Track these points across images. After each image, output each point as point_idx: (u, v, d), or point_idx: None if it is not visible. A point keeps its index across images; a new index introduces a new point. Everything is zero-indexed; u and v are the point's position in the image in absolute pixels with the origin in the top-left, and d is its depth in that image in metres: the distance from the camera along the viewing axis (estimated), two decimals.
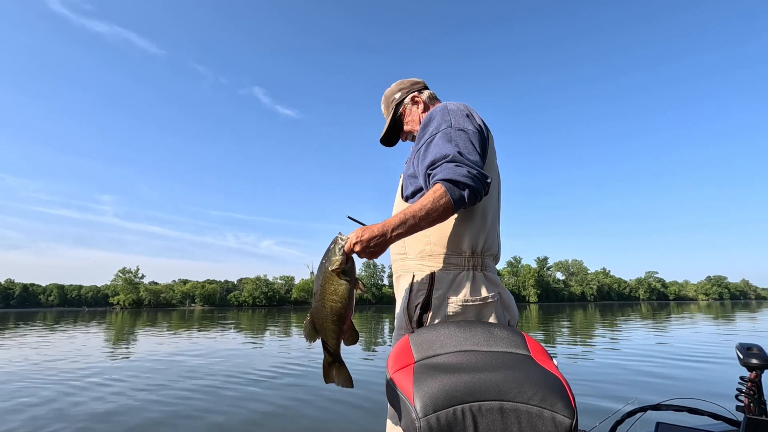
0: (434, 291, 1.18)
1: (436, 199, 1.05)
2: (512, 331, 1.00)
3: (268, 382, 6.48)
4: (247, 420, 4.52)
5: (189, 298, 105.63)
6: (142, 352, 11.01)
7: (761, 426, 1.29)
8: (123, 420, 4.54)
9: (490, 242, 1.26)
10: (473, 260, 1.21)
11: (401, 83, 1.53)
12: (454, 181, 1.06)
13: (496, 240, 1.30)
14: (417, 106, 1.48)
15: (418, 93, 1.50)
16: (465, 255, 1.21)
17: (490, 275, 1.24)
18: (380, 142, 1.56)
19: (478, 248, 1.22)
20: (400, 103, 1.51)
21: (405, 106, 1.50)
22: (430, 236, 1.23)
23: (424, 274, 1.22)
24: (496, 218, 1.31)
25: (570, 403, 0.78)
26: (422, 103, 1.48)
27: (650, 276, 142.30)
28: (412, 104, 1.49)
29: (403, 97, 1.50)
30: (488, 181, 1.11)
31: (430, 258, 1.23)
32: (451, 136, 1.16)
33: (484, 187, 1.10)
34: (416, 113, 1.48)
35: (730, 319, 22.70)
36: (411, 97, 1.49)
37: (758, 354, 1.45)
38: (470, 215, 1.22)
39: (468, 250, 1.21)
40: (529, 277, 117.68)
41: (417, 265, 1.25)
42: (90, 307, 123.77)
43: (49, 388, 6.25)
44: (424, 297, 1.18)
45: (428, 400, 0.77)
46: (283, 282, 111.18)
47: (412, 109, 1.49)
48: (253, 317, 34.67)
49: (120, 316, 44.58)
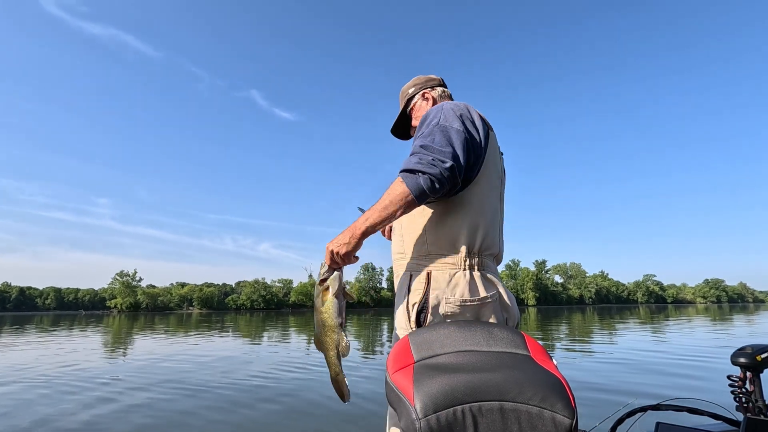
0: (431, 291, 1.18)
1: (393, 190, 1.10)
2: (512, 331, 1.00)
3: (266, 385, 6.45)
4: (245, 423, 4.49)
5: (187, 302, 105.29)
6: (139, 355, 10.94)
7: (761, 426, 1.29)
8: (117, 424, 4.52)
9: (488, 242, 1.24)
10: (470, 260, 1.20)
11: (417, 79, 1.55)
12: (409, 170, 1.10)
13: (497, 240, 1.29)
14: (426, 103, 1.50)
15: (430, 90, 1.51)
16: (461, 255, 1.20)
17: (488, 275, 1.23)
18: (394, 134, 1.61)
19: (475, 248, 1.21)
20: (411, 98, 1.53)
21: (415, 102, 1.52)
22: (427, 236, 1.24)
23: (421, 274, 1.22)
24: (496, 218, 1.30)
25: (570, 403, 0.77)
26: (431, 100, 1.49)
27: (648, 279, 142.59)
28: (422, 100, 1.50)
29: (415, 92, 1.52)
30: (447, 166, 1.09)
31: (427, 258, 1.23)
32: (431, 132, 1.17)
33: (443, 173, 1.09)
34: (424, 109, 1.49)
35: (728, 321, 22.73)
36: (422, 93, 1.51)
37: (749, 353, 1.44)
38: (466, 214, 1.22)
39: (464, 250, 1.20)
40: (528, 280, 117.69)
41: (415, 265, 1.25)
42: (87, 310, 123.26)
43: (42, 391, 6.20)
44: (421, 297, 1.18)
45: (428, 401, 0.77)
46: (281, 285, 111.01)
47: (421, 105, 1.51)
48: (251, 321, 34.55)
49: (117, 319, 44.36)
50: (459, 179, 1.15)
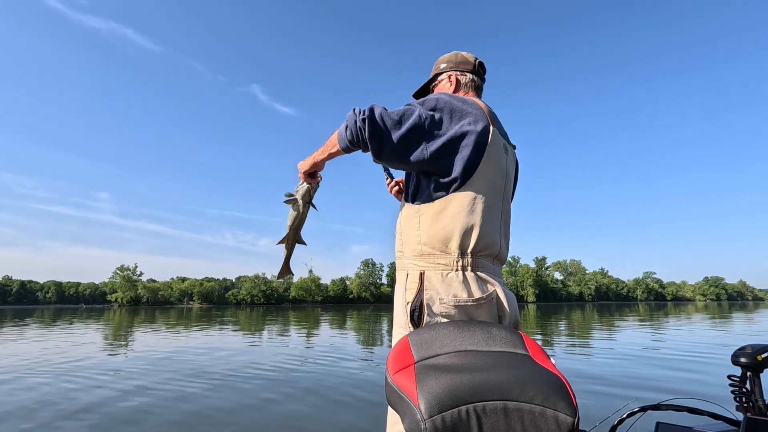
0: (425, 291, 1.17)
1: (332, 135, 1.32)
2: (510, 331, 1.00)
3: (265, 381, 6.47)
4: (243, 419, 4.51)
5: (187, 296, 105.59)
6: (139, 349, 10.98)
7: (761, 426, 1.29)
8: (117, 417, 4.54)
9: (485, 242, 1.21)
10: (463, 260, 1.18)
11: (454, 56, 1.48)
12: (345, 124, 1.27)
13: (496, 240, 1.25)
14: (450, 86, 1.45)
15: (459, 73, 1.45)
16: (453, 255, 1.18)
17: (483, 275, 1.20)
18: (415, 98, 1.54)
19: (468, 248, 1.19)
20: (440, 74, 1.48)
21: (441, 80, 1.48)
22: (421, 236, 1.23)
23: (415, 273, 1.21)
24: (495, 217, 1.26)
25: (571, 401, 0.78)
26: (455, 84, 1.44)
27: (648, 276, 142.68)
28: (447, 81, 1.46)
29: (445, 70, 1.47)
30: (364, 117, 1.19)
31: (421, 257, 1.22)
32: (404, 109, 1.23)
33: (357, 124, 1.20)
34: (447, 90, 1.45)
35: (728, 319, 22.76)
36: (449, 74, 1.46)
37: (750, 352, 1.43)
38: (459, 214, 1.20)
39: (456, 250, 1.18)
40: (528, 277, 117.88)
41: (411, 264, 1.24)
42: (88, 304, 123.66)
43: (42, 384, 6.23)
44: (415, 295, 1.18)
45: (433, 401, 0.77)
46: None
47: (443, 86, 1.46)
48: (252, 315, 34.66)
49: (118, 313, 44.50)
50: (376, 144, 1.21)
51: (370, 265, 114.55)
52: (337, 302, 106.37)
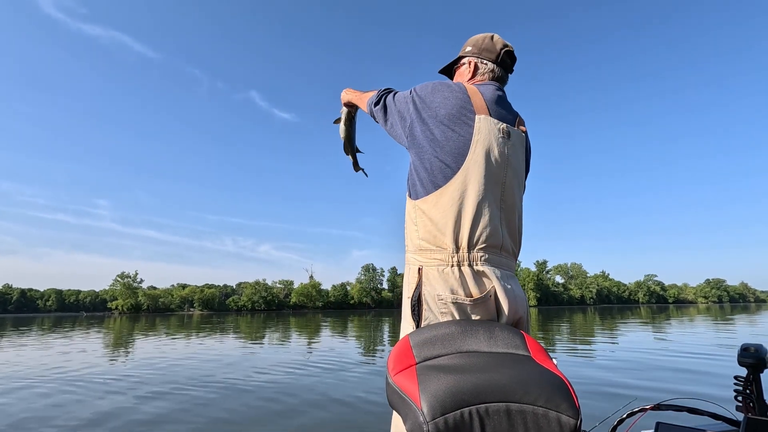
0: (423, 286, 1.16)
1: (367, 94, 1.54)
2: (512, 331, 0.99)
3: (267, 386, 6.46)
4: (246, 423, 4.50)
5: (188, 303, 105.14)
6: (140, 356, 10.95)
7: (761, 426, 1.30)
8: (117, 423, 4.53)
9: (481, 234, 1.17)
10: (458, 255, 1.16)
11: (481, 41, 1.44)
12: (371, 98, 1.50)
13: (498, 230, 1.20)
14: (469, 72, 1.44)
15: (482, 62, 1.43)
16: (449, 250, 1.16)
17: (483, 269, 1.16)
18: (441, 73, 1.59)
19: (462, 242, 1.16)
20: (464, 56, 1.47)
21: (462, 64, 1.47)
22: (419, 231, 1.22)
23: (415, 268, 1.21)
24: (492, 206, 1.20)
25: (574, 403, 0.78)
26: (472, 71, 1.43)
27: (649, 279, 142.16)
28: (468, 66, 1.45)
29: (467, 54, 1.46)
30: (375, 98, 1.45)
31: (420, 252, 1.21)
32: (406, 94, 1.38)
33: (369, 107, 1.48)
34: (464, 76, 1.45)
35: (730, 321, 22.69)
36: (470, 60, 1.45)
37: (754, 353, 1.43)
38: (450, 207, 1.18)
39: (451, 244, 1.16)
40: (529, 281, 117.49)
41: (412, 259, 1.24)
42: (88, 312, 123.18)
43: (43, 392, 6.22)
44: (413, 290, 1.17)
45: (435, 403, 0.76)
46: (282, 286, 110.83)
47: (462, 72, 1.46)
48: (252, 322, 34.53)
49: (118, 321, 44.36)
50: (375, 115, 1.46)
51: (371, 271, 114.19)
52: (338, 308, 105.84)
